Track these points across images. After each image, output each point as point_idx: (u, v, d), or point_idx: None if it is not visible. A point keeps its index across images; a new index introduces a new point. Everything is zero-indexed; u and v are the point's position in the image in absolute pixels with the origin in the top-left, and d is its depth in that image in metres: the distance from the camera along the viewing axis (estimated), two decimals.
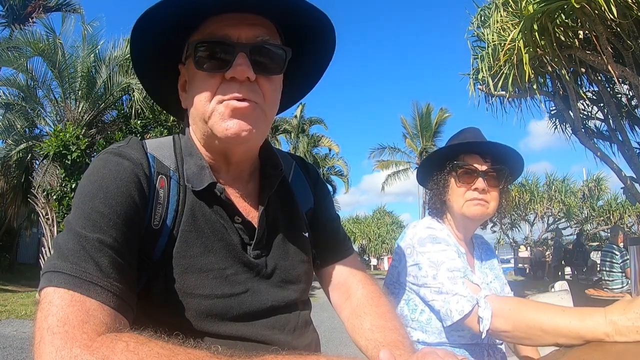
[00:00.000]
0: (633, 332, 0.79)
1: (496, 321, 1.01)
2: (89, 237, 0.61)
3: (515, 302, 1.04)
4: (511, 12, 5.92)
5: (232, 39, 0.70)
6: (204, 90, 0.71)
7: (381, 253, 32.78)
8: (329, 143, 27.01)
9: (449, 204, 1.33)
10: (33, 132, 11.34)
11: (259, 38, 0.71)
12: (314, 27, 0.77)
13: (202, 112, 0.72)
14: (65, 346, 0.51)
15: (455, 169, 1.30)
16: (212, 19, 0.71)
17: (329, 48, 0.82)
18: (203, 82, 0.71)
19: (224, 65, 0.69)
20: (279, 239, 0.82)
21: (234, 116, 0.69)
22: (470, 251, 1.39)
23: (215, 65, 0.70)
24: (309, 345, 0.82)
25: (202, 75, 0.71)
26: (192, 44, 0.71)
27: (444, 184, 1.32)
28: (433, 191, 1.36)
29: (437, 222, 1.34)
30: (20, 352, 4.59)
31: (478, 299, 1.06)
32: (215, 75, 0.70)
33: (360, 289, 0.92)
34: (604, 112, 7.76)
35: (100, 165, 0.69)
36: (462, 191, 1.29)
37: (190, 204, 0.74)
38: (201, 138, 0.77)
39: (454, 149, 1.33)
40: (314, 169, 1.01)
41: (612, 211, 18.56)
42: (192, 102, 0.74)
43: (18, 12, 14.44)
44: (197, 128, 0.76)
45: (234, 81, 0.69)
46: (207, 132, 0.73)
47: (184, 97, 0.79)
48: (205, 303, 0.70)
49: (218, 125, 0.70)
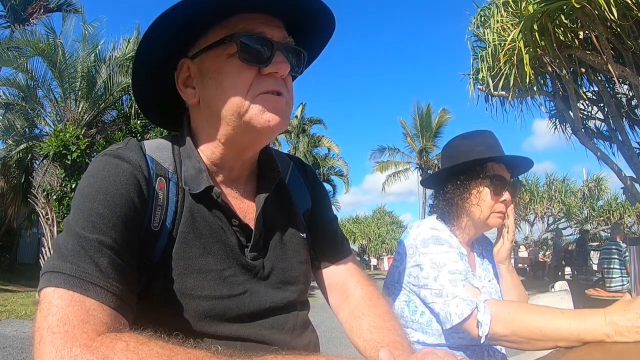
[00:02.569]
0: (633, 332, 0.79)
1: (495, 326, 1.01)
2: (89, 237, 0.61)
3: (515, 306, 1.03)
4: (511, 12, 5.92)
5: (268, 36, 0.72)
6: (240, 82, 0.71)
7: (381, 253, 32.79)
8: (329, 143, 27.01)
9: (469, 210, 1.30)
10: (33, 132, 11.34)
11: (287, 39, 0.75)
12: (315, 28, 0.79)
13: (237, 104, 0.71)
14: (65, 346, 0.51)
15: (492, 180, 1.27)
16: (242, 15, 0.72)
17: (324, 44, 0.85)
18: (238, 74, 0.71)
19: (264, 60, 0.71)
20: (276, 241, 0.83)
21: (274, 109, 0.72)
22: (471, 250, 1.40)
23: (256, 58, 0.71)
24: (308, 345, 0.82)
25: (238, 67, 0.71)
26: (237, 35, 0.70)
27: (470, 191, 1.29)
28: (450, 194, 1.31)
29: (440, 222, 1.33)
30: (20, 352, 4.59)
31: (477, 303, 1.06)
32: (252, 68, 0.71)
33: (358, 289, 0.92)
34: (604, 112, 7.76)
35: (99, 167, 0.69)
36: (492, 203, 1.28)
37: (189, 206, 0.74)
38: (223, 134, 0.75)
39: (485, 157, 1.29)
40: (311, 170, 1.01)
41: (612, 211, 18.59)
42: (217, 95, 0.72)
43: (19, 12, 14.44)
44: (222, 122, 0.74)
45: (270, 77, 0.72)
46: (240, 125, 0.73)
47: (190, 93, 0.77)
48: (204, 304, 0.71)
49: (259, 117, 0.71)
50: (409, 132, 30.45)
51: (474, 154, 1.30)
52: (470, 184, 1.29)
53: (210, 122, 0.76)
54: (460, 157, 1.31)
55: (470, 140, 1.35)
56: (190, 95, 0.77)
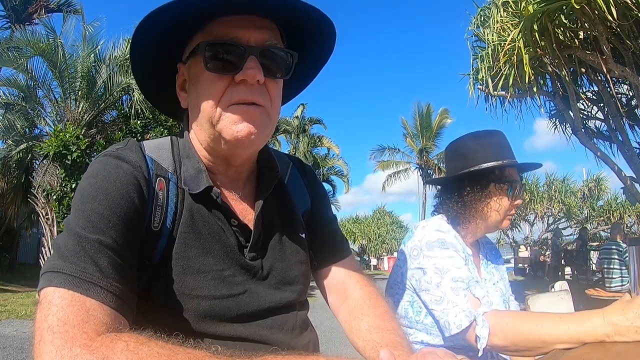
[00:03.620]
0: (632, 332, 0.79)
1: (494, 339, 1.02)
2: (89, 238, 0.61)
3: (513, 316, 1.03)
4: (511, 12, 5.92)
5: (242, 41, 0.70)
6: (212, 92, 0.70)
7: (381, 253, 32.77)
8: (329, 143, 27.01)
9: (487, 215, 1.29)
10: (33, 132, 11.33)
11: (267, 42, 0.72)
12: (316, 29, 0.77)
13: (209, 114, 0.71)
14: (66, 346, 0.51)
15: (512, 185, 1.28)
16: (220, 19, 0.70)
17: (328, 49, 0.82)
18: (211, 84, 0.71)
19: (234, 67, 0.69)
20: (275, 241, 0.83)
21: (244, 120, 0.70)
22: (476, 252, 1.39)
23: (225, 67, 0.70)
24: (307, 345, 0.82)
25: (210, 77, 0.70)
26: (202, 44, 0.69)
27: (491, 196, 1.28)
28: (468, 198, 1.29)
29: (446, 223, 1.32)
30: (20, 352, 4.59)
31: (476, 316, 1.06)
32: (223, 77, 0.70)
33: (357, 290, 0.92)
34: (604, 112, 7.75)
35: (99, 167, 0.69)
36: (509, 208, 1.29)
37: (189, 206, 0.74)
38: (204, 140, 0.76)
39: (506, 163, 1.28)
40: (311, 170, 1.01)
41: (612, 211, 18.58)
42: (196, 103, 0.73)
43: (19, 12, 14.44)
44: (202, 130, 0.75)
45: (243, 84, 0.70)
46: (214, 135, 0.73)
47: (183, 97, 0.79)
48: (204, 304, 0.71)
49: (228, 128, 0.70)
50: (410, 132, 30.46)
51: (490, 156, 1.28)
52: (490, 190, 1.28)
53: (196, 128, 0.77)
54: (475, 159, 1.29)
55: (482, 140, 1.32)
56: (183, 99, 0.78)
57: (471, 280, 1.15)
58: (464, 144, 1.34)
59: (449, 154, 1.41)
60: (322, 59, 0.85)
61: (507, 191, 1.27)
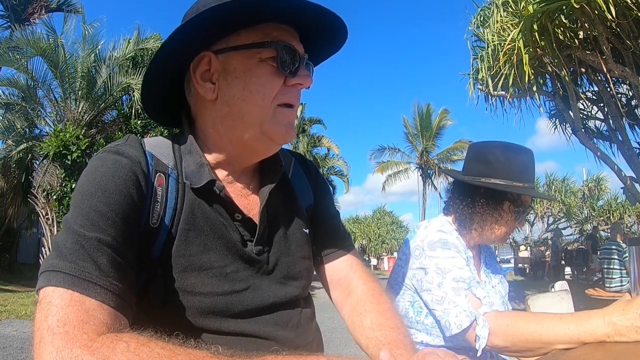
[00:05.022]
0: (633, 332, 0.79)
1: (494, 339, 1.02)
2: (88, 236, 0.61)
3: (513, 317, 1.03)
4: (511, 12, 5.92)
5: (297, 48, 0.75)
6: (268, 89, 0.73)
7: (381, 253, 32.78)
8: (328, 143, 26.98)
9: (494, 228, 1.29)
10: (33, 132, 11.33)
11: (306, 55, 0.78)
12: (329, 34, 0.79)
13: (260, 110, 0.73)
14: (66, 346, 0.51)
15: (524, 210, 1.30)
16: (275, 24, 0.73)
17: (334, 52, 0.85)
18: (267, 80, 0.73)
19: (293, 71, 0.74)
20: (280, 235, 0.82)
21: (289, 122, 0.76)
22: (477, 255, 1.40)
23: (289, 68, 0.73)
24: (311, 343, 0.82)
25: (269, 73, 0.72)
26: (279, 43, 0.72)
27: (503, 216, 1.28)
28: (480, 209, 1.28)
29: (448, 224, 1.32)
30: (20, 352, 4.59)
31: (477, 316, 1.06)
32: (280, 77, 0.73)
33: (361, 285, 0.91)
34: (604, 112, 7.75)
35: (98, 163, 0.69)
36: (513, 228, 1.32)
37: (189, 202, 0.73)
38: (239, 135, 0.75)
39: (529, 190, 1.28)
40: (313, 165, 1.01)
41: (612, 211, 18.58)
42: (244, 96, 0.72)
43: (20, 12, 14.43)
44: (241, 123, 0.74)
45: (293, 88, 0.75)
46: (257, 131, 0.74)
47: (209, 88, 0.74)
48: (206, 301, 0.70)
49: (277, 128, 0.74)
50: (411, 132, 30.46)
51: (514, 174, 1.25)
52: (504, 208, 1.28)
53: (226, 121, 0.75)
54: (498, 170, 1.26)
55: (511, 154, 1.28)
56: (209, 90, 0.74)
57: (472, 281, 1.15)
58: (492, 151, 1.30)
59: (474, 153, 1.36)
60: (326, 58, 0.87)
61: (518, 215, 1.29)
